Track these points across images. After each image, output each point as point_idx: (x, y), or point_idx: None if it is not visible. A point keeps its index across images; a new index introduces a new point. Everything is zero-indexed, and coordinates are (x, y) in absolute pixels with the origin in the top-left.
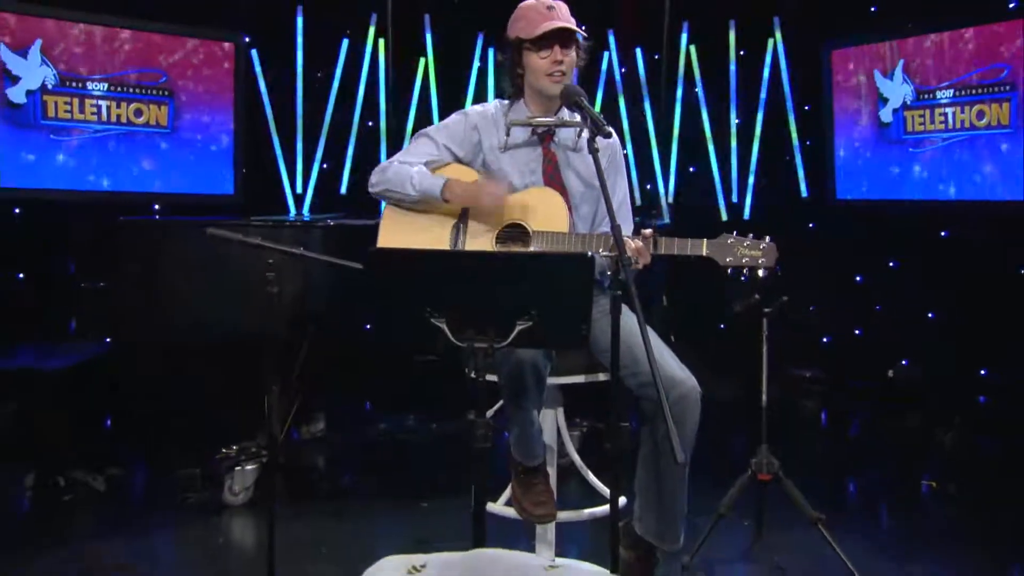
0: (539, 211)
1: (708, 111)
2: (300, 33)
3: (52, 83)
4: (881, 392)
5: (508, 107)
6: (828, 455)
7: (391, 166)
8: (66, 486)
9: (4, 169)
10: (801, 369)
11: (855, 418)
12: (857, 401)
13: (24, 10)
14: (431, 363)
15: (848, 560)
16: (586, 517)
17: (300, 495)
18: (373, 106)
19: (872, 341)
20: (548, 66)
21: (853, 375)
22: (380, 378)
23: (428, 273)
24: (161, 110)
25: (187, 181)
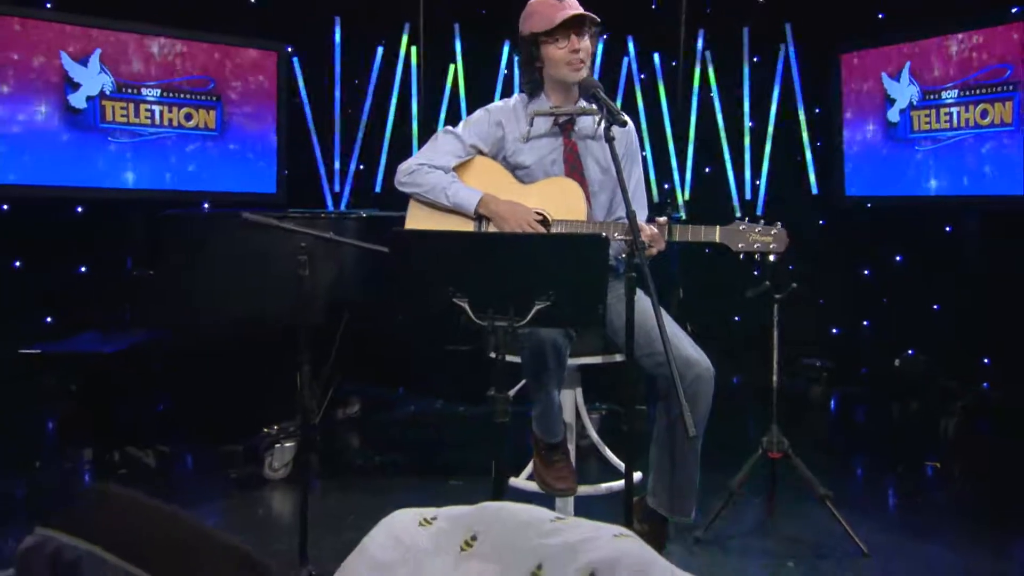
0: (559, 201)
1: (722, 114)
2: (338, 43)
3: (110, 89)
4: (887, 380)
5: (529, 100)
6: (836, 438)
7: (420, 170)
8: (120, 461)
9: (67, 170)
10: (811, 359)
11: (862, 404)
12: (864, 388)
13: (84, 22)
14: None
15: (855, 534)
16: (603, 491)
17: (335, 472)
18: (406, 110)
19: (879, 332)
20: (567, 55)
21: (861, 364)
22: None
23: (448, 254)
24: (209, 114)
25: (233, 180)
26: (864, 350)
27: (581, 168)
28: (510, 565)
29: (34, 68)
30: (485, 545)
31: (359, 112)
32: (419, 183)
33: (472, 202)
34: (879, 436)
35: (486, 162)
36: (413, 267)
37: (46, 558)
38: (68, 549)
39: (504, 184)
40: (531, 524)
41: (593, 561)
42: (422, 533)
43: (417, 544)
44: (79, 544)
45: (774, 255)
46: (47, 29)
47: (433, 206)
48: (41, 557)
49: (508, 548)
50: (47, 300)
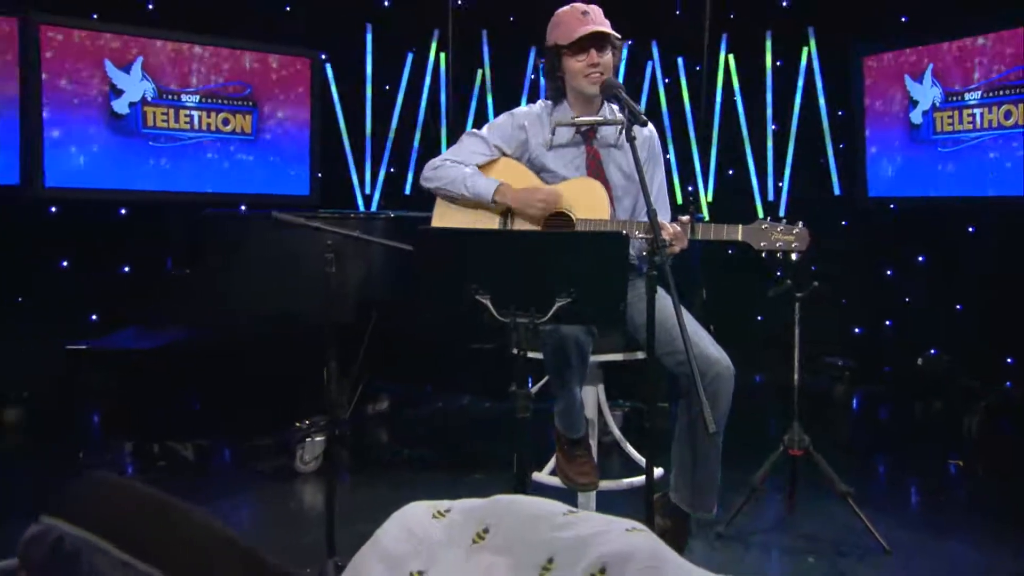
0: (582, 200)
1: (746, 117)
2: (369, 50)
3: (151, 96)
4: (910, 379)
5: (552, 108)
6: (858, 436)
7: (444, 165)
8: (160, 454)
9: (110, 173)
10: (834, 358)
11: (885, 403)
12: (887, 387)
13: (127, 31)
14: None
15: (876, 531)
16: (625, 487)
17: (364, 465)
18: (435, 114)
19: (902, 331)
20: (585, 68)
21: (883, 363)
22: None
23: (470, 251)
24: (246, 119)
25: (268, 183)
26: (887, 349)
27: (603, 175)
28: (521, 558)
29: (80, 76)
30: (497, 538)
31: (389, 117)
32: (441, 177)
33: (489, 190)
34: (901, 435)
35: (511, 163)
36: (437, 264)
37: (47, 547)
38: (70, 538)
39: (528, 184)
40: (543, 517)
41: (604, 555)
42: (435, 525)
43: (430, 536)
44: (80, 534)
45: (796, 254)
46: (93, 39)
47: (456, 201)
48: (42, 546)
49: (520, 541)
50: (92, 298)
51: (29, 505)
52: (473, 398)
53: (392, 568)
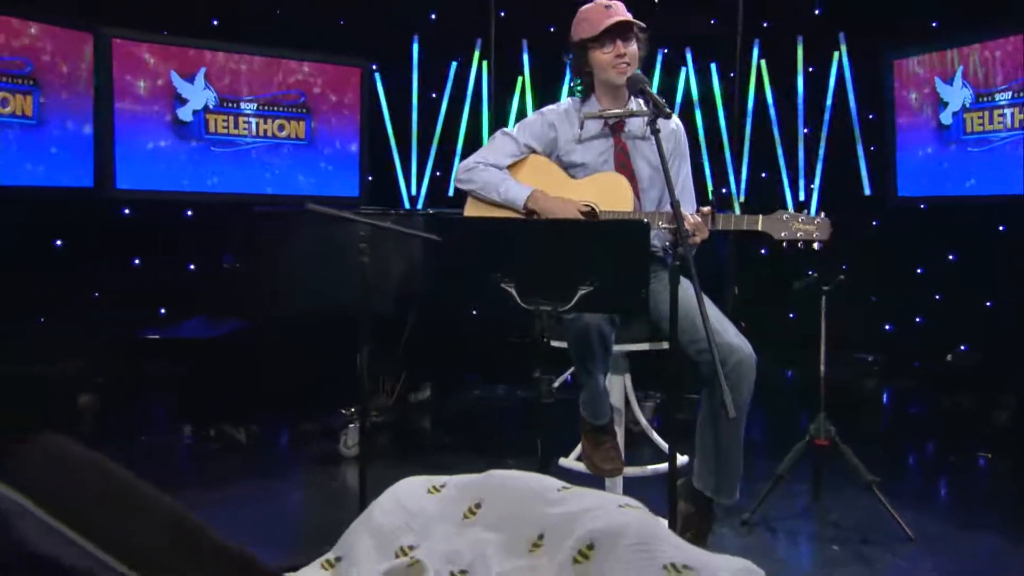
0: (607, 194)
1: (777, 121)
2: (416, 59)
3: (213, 104)
4: (940, 374)
5: (581, 103)
6: (887, 430)
7: (477, 168)
8: (215, 436)
9: (176, 177)
10: (864, 354)
11: (914, 398)
12: (917, 382)
13: (192, 44)
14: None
15: (901, 520)
16: (649, 473)
17: (405, 450)
18: (477, 120)
19: (932, 328)
20: (612, 59)
21: (913, 359)
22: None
23: (493, 239)
24: (300, 125)
25: (320, 185)
26: (917, 346)
27: (631, 167)
28: (512, 534)
29: (148, 86)
30: (489, 513)
31: (434, 122)
32: (474, 180)
33: (522, 197)
34: (930, 428)
35: (540, 160)
36: (462, 253)
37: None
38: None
39: (556, 180)
40: (536, 493)
41: (593, 531)
42: (429, 500)
43: (424, 511)
44: (13, 496)
45: (818, 243)
46: (160, 51)
47: (487, 202)
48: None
49: (511, 517)
50: (161, 293)
51: None
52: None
53: (382, 543)
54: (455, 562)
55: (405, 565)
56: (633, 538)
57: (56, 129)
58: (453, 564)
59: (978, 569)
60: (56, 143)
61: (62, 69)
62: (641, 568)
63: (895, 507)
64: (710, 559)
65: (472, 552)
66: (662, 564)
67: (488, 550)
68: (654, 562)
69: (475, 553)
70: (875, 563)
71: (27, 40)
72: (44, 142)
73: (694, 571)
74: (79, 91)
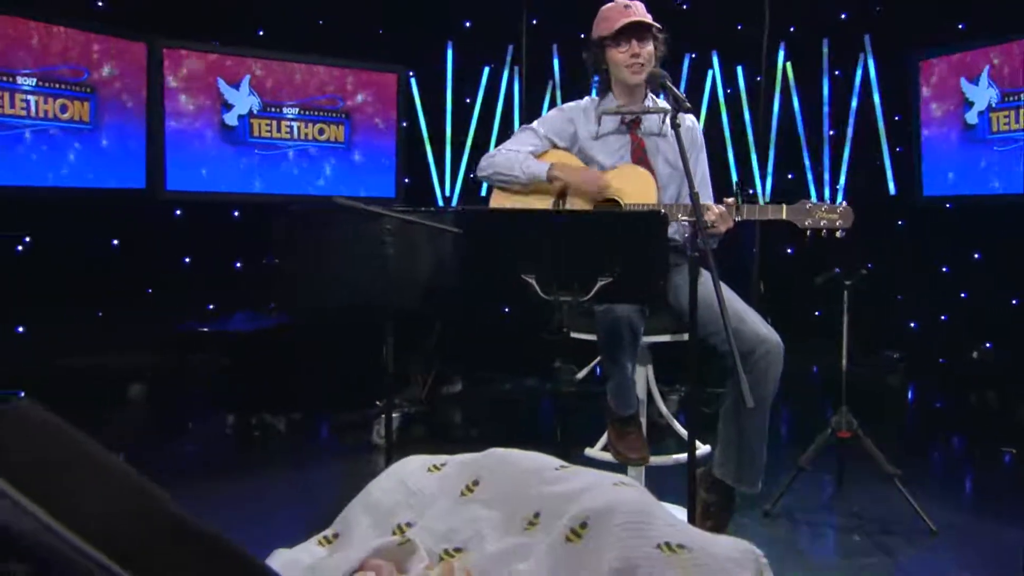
0: (630, 187)
1: (803, 123)
2: (450, 65)
3: (257, 109)
4: (965, 371)
5: (599, 101)
6: (910, 424)
7: (499, 153)
8: (257, 425)
9: (224, 179)
10: (889, 351)
11: (939, 394)
12: (941, 379)
13: (237, 52)
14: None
15: (923, 512)
16: (672, 462)
17: (437, 440)
18: (509, 123)
19: (957, 326)
20: (627, 59)
21: (938, 356)
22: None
23: (513, 230)
24: (339, 129)
25: (358, 186)
26: (942, 343)
27: (648, 163)
28: (509, 512)
29: (196, 92)
30: (486, 491)
31: (468, 126)
32: (496, 164)
33: (543, 169)
34: (954, 424)
35: (562, 154)
36: (483, 245)
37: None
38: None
39: None
40: (534, 472)
41: (587, 509)
42: (429, 479)
43: (423, 489)
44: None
45: (841, 231)
46: (208, 59)
47: (510, 188)
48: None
49: (508, 495)
50: (210, 289)
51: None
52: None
53: (379, 520)
54: (450, 539)
55: (396, 544)
56: (626, 516)
57: (110, 134)
58: (448, 542)
59: (1001, 562)
60: (110, 147)
61: (117, 77)
62: (634, 546)
63: (918, 500)
64: (706, 538)
65: (468, 530)
66: (656, 543)
67: (484, 528)
68: (648, 540)
69: (471, 531)
70: (897, 554)
71: (85, 50)
72: (99, 146)
73: (689, 550)
74: (132, 98)
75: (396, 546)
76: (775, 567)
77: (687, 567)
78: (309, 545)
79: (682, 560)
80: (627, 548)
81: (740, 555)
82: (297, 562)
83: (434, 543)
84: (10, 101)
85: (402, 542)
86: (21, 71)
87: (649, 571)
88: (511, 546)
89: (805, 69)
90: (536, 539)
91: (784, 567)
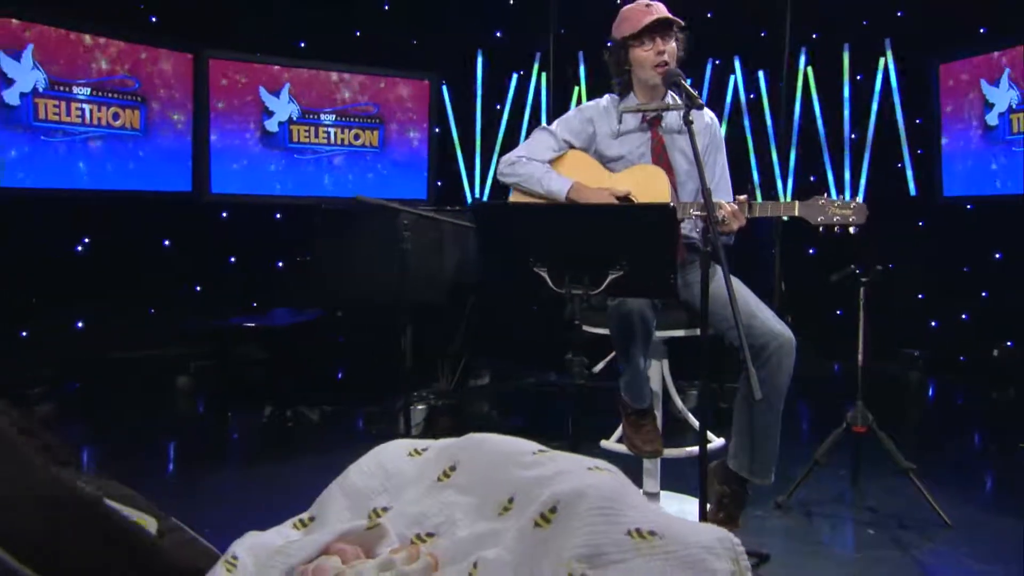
0: (644, 185)
1: (824, 127)
2: (480, 72)
3: (296, 116)
4: (985, 369)
5: (619, 100)
6: (929, 420)
7: (519, 162)
8: (292, 416)
9: (262, 181)
10: (910, 349)
11: (959, 391)
12: (961, 376)
13: (277, 62)
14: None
15: (938, 507)
16: (686, 455)
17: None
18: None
19: (978, 324)
20: (652, 57)
21: (959, 354)
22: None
23: (524, 224)
24: (373, 134)
25: (391, 188)
26: (962, 341)
27: (668, 160)
28: (483, 497)
29: (239, 100)
30: (462, 476)
31: (497, 130)
32: (518, 173)
33: (564, 189)
34: (972, 420)
35: (579, 154)
36: (495, 238)
37: None
38: None
39: (595, 173)
40: (510, 456)
41: (557, 493)
42: (410, 463)
43: (402, 473)
44: None
45: (855, 228)
46: (250, 70)
47: (530, 194)
48: None
49: (484, 480)
50: (254, 286)
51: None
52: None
53: (356, 503)
54: (422, 524)
55: (364, 528)
56: (596, 501)
57: (159, 139)
58: (420, 526)
59: (1016, 557)
60: (159, 152)
61: (165, 86)
62: (603, 532)
63: (933, 495)
64: (680, 526)
65: (441, 515)
66: (626, 529)
67: (457, 513)
68: (617, 526)
69: (444, 516)
70: (911, 548)
71: (136, 61)
72: (149, 151)
73: (660, 537)
74: (179, 105)
75: (364, 530)
76: (788, 559)
77: (656, 554)
78: (284, 528)
79: (652, 546)
80: (595, 534)
81: (713, 543)
82: (266, 545)
83: (406, 527)
84: (67, 110)
85: (371, 526)
86: (77, 81)
87: (617, 557)
88: (483, 531)
89: (826, 74)
90: (507, 524)
91: (797, 559)
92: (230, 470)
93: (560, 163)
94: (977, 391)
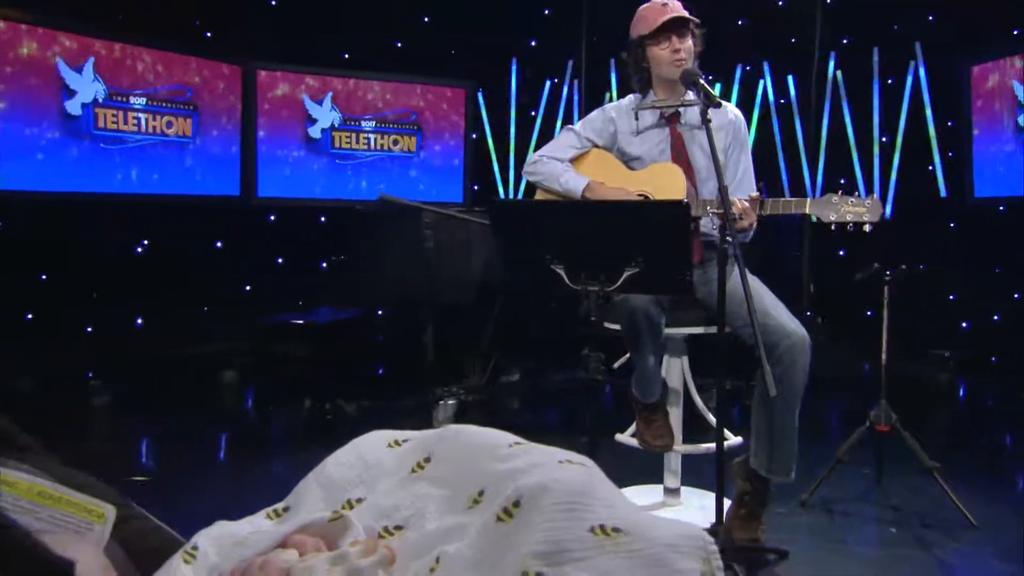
0: (661, 183)
1: (854, 130)
2: (514, 80)
3: (338, 123)
4: (1016, 370)
5: (640, 99)
6: (957, 420)
7: (541, 160)
8: (330, 410)
9: (307, 185)
10: (940, 350)
11: (989, 392)
12: (992, 377)
13: (320, 71)
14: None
15: (963, 506)
16: (703, 451)
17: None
18: None
19: (1009, 326)
20: (669, 55)
21: (990, 355)
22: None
23: (541, 222)
24: (412, 140)
25: (428, 192)
26: (993, 343)
27: (687, 156)
28: (456, 489)
29: (284, 108)
30: (436, 468)
31: (530, 136)
32: (539, 172)
33: (579, 187)
34: (1000, 421)
35: (601, 153)
36: (512, 235)
37: None
38: None
39: (615, 172)
40: (486, 448)
41: (521, 488)
42: (388, 454)
43: (380, 464)
44: None
45: (869, 225)
46: (295, 79)
47: (550, 192)
48: None
49: (457, 472)
50: (300, 286)
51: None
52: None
53: (331, 495)
54: (392, 517)
55: (326, 520)
56: (560, 496)
57: (209, 146)
58: (389, 519)
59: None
60: (209, 158)
61: (216, 96)
62: (564, 528)
63: (959, 495)
64: (648, 523)
65: (412, 507)
66: (589, 526)
67: (428, 506)
68: (580, 523)
69: (414, 508)
70: (934, 547)
71: (188, 73)
72: (200, 157)
73: (625, 534)
74: (228, 114)
75: (327, 522)
76: (810, 556)
77: (619, 551)
78: (256, 518)
79: (616, 544)
80: (556, 530)
81: (681, 541)
82: (231, 535)
83: (375, 520)
84: (123, 119)
85: (334, 518)
86: (133, 92)
87: (579, 555)
88: (450, 525)
89: (855, 78)
90: (473, 518)
91: (819, 557)
92: (269, 459)
93: (582, 161)
94: (1009, 392)
